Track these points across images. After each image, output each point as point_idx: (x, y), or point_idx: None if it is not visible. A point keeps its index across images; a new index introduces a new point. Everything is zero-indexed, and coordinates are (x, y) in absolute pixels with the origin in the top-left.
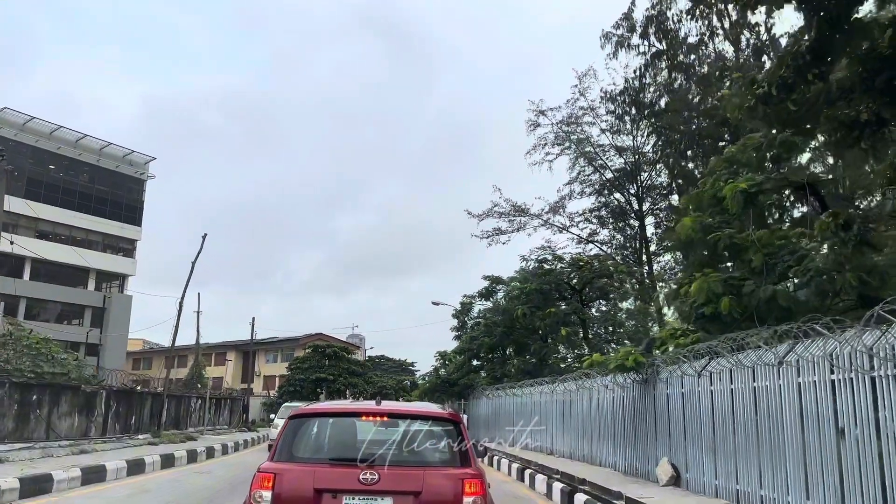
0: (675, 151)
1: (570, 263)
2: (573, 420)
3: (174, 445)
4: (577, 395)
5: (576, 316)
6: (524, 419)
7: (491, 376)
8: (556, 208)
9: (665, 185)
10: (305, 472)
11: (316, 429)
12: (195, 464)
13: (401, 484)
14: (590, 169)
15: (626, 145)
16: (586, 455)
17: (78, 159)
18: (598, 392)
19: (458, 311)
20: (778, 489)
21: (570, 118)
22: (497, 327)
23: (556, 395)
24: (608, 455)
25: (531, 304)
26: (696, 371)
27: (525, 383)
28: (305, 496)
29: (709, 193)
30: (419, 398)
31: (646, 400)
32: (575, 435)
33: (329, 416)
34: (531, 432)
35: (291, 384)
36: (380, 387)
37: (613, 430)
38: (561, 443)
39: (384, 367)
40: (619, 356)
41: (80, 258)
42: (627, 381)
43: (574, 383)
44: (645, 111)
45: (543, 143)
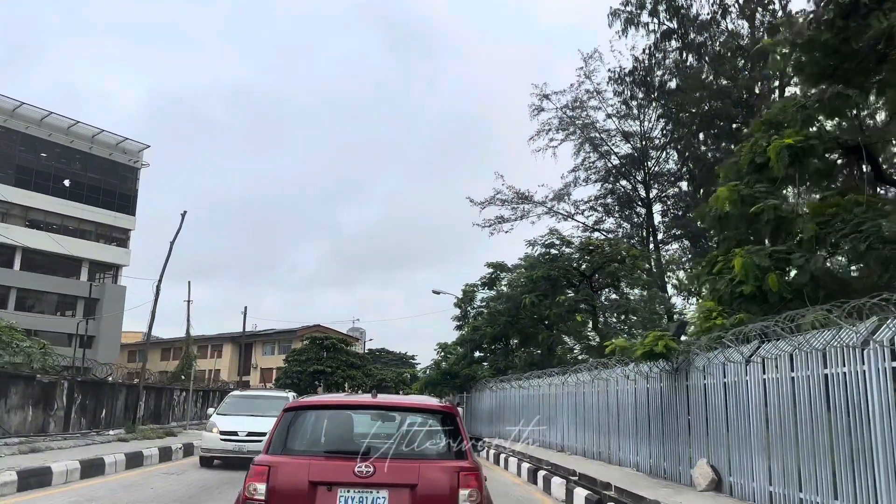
0: (686, 134)
1: (579, 248)
2: (587, 414)
3: (148, 442)
4: (591, 387)
5: (586, 304)
6: (531, 413)
7: (494, 368)
8: (560, 196)
9: (673, 172)
10: (300, 464)
11: (311, 421)
12: (168, 463)
13: (396, 477)
14: (595, 155)
15: (633, 130)
16: (602, 453)
17: (70, 147)
18: (618, 383)
19: (459, 300)
20: (862, 500)
21: (575, 102)
22: (501, 316)
23: (567, 388)
24: (629, 453)
25: (538, 292)
26: (744, 357)
27: (532, 374)
28: (300, 489)
29: (746, 159)
30: (419, 391)
31: (677, 391)
32: (589, 430)
33: (324, 408)
34: (538, 428)
35: (288, 376)
36: (379, 379)
37: (636, 425)
38: (573, 439)
39: (384, 361)
40: (647, 341)
41: (72, 248)
42: (654, 370)
43: (588, 374)
44: (654, 92)
45: (547, 129)
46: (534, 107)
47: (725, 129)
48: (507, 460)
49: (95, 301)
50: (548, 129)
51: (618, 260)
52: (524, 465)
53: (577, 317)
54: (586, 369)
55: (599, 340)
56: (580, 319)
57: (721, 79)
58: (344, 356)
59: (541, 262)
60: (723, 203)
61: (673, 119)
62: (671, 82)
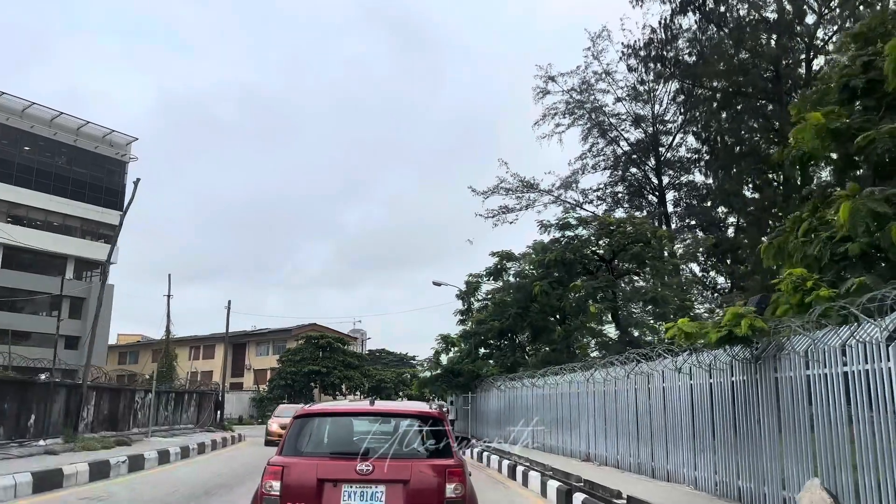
0: (705, 112)
1: (597, 227)
2: (621, 417)
3: (85, 455)
4: (626, 384)
5: (608, 291)
6: (548, 415)
7: (502, 365)
8: (568, 184)
9: (687, 159)
10: (309, 464)
11: (317, 426)
12: (102, 481)
13: (392, 474)
14: (603, 141)
15: (645, 114)
16: (643, 464)
17: (53, 139)
18: (664, 378)
19: (462, 292)
20: None
21: (583, 85)
22: (510, 308)
23: (594, 385)
24: (682, 465)
25: (551, 279)
26: (885, 332)
27: (549, 371)
28: (309, 485)
29: (839, 84)
30: (418, 390)
31: (760, 386)
32: (623, 437)
33: (329, 415)
34: (550, 432)
35: (282, 377)
36: (378, 380)
37: (692, 430)
38: (601, 446)
39: (384, 361)
40: (726, 320)
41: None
42: (720, 359)
43: (622, 368)
44: (671, 68)
45: (553, 113)
46: (538, 89)
47: (750, 106)
48: (526, 474)
49: (81, 300)
50: (553, 114)
51: (642, 241)
52: (552, 482)
53: (592, 307)
54: (620, 362)
55: (620, 334)
56: (594, 311)
57: (743, 51)
58: (341, 356)
59: (554, 247)
60: (810, 136)
61: (691, 97)
62: (689, 57)
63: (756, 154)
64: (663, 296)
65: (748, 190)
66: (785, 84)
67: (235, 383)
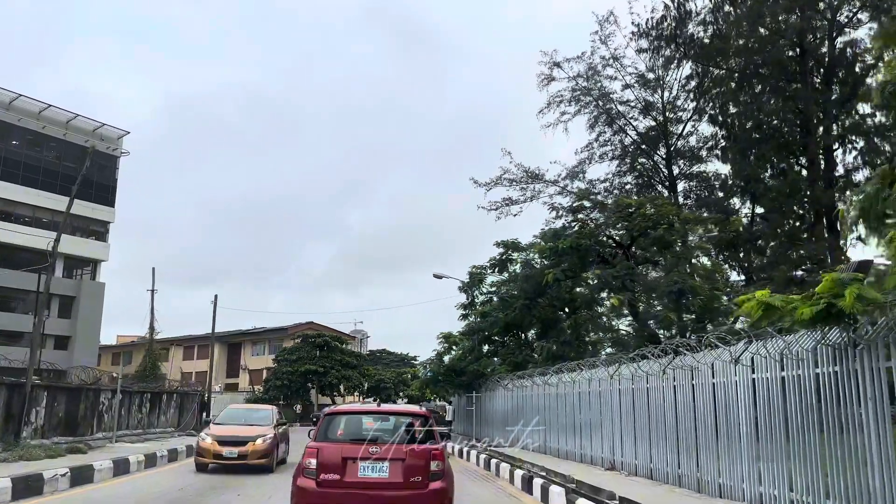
0: (724, 91)
1: (614, 209)
2: (656, 419)
3: (22, 466)
4: (662, 380)
5: (624, 281)
6: (562, 417)
7: (509, 363)
8: (574, 174)
9: (699, 147)
10: (336, 447)
11: (339, 421)
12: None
13: (393, 454)
14: (610, 131)
15: (655, 100)
16: (686, 476)
17: (42, 132)
18: (718, 372)
19: (465, 284)
20: None
21: (589, 71)
22: (517, 300)
23: (620, 382)
24: (742, 479)
25: (563, 267)
26: None
27: (563, 367)
28: (336, 461)
29: None
30: (418, 390)
31: (861, 380)
32: (659, 442)
33: (347, 413)
34: (566, 436)
35: (278, 378)
36: (377, 380)
37: (754, 435)
38: (628, 453)
39: (385, 361)
40: (823, 288)
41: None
42: (804, 344)
43: (657, 362)
44: (684, 48)
45: (559, 101)
46: (543, 76)
47: (770, 86)
48: (546, 489)
49: (71, 299)
50: (559, 101)
51: (664, 224)
52: (582, 501)
53: (613, 299)
54: (655, 356)
55: (638, 328)
56: (617, 302)
57: (761, 29)
58: (338, 355)
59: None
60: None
61: (705, 78)
62: (704, 35)
63: (778, 137)
64: (692, 285)
65: (769, 176)
66: (808, 62)
67: (230, 384)
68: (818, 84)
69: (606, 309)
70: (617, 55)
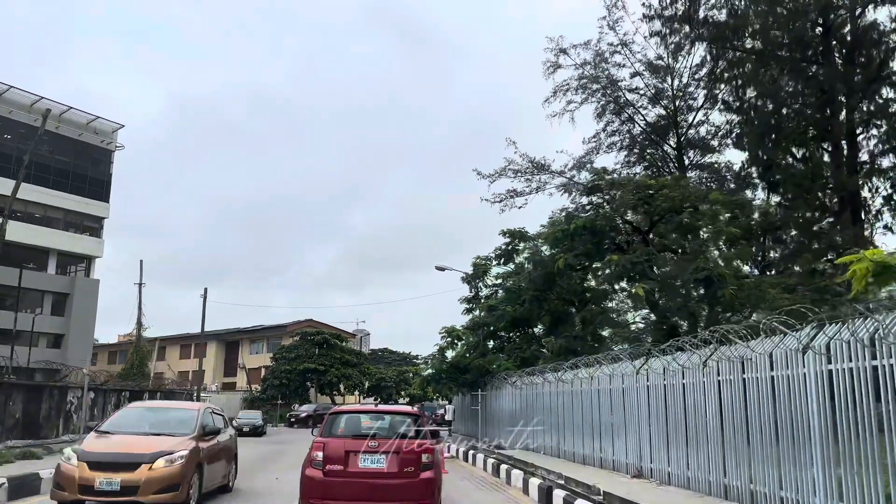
0: (740, 74)
1: (633, 189)
2: (695, 419)
3: None
4: (703, 374)
5: (645, 268)
6: (578, 417)
7: (517, 358)
8: (581, 164)
9: (713, 135)
10: (339, 442)
11: (341, 419)
12: None
13: (389, 448)
14: (619, 120)
15: (665, 88)
16: (735, 487)
17: (34, 125)
18: (779, 363)
19: (469, 276)
20: None
21: (597, 58)
22: (527, 290)
23: (649, 378)
24: (814, 492)
25: (577, 251)
26: None
27: (579, 362)
28: (340, 454)
29: None
30: (420, 389)
31: None
32: (698, 446)
33: (348, 413)
34: (583, 438)
35: (276, 376)
36: (378, 379)
37: (830, 438)
38: (660, 458)
39: (387, 360)
40: None
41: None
42: None
43: (697, 354)
44: (699, 28)
45: (565, 89)
46: (549, 63)
47: (790, 67)
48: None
49: (65, 296)
50: (565, 89)
51: (689, 207)
52: None
53: (637, 288)
54: (691, 345)
55: (657, 322)
56: (641, 291)
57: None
58: (338, 353)
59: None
60: None
61: (720, 60)
62: (718, 14)
63: (800, 119)
64: (720, 272)
65: (791, 162)
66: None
67: (228, 383)
68: (840, 66)
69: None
70: (626, 41)
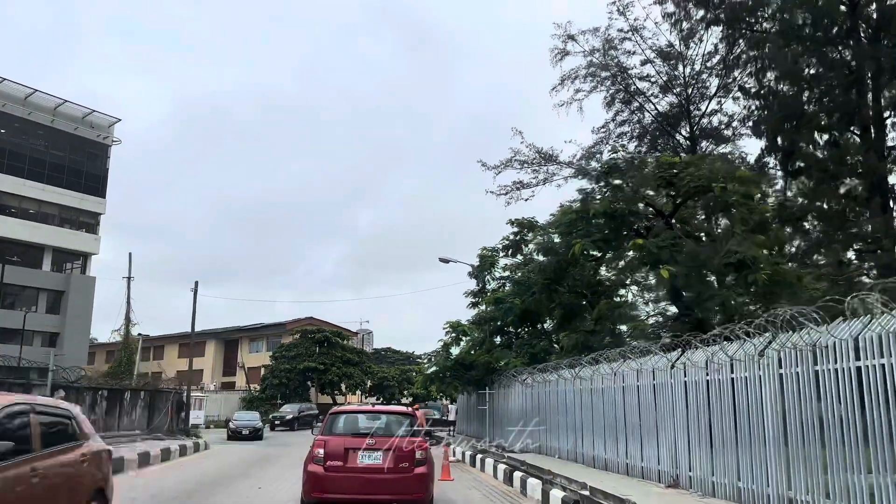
0: (760, 55)
1: (655, 168)
2: (749, 421)
3: None
4: (759, 367)
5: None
6: (597, 418)
7: (526, 354)
8: (590, 154)
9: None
10: (339, 440)
11: (340, 419)
12: None
13: (385, 445)
14: (628, 110)
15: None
16: (800, 501)
17: (28, 119)
18: (871, 352)
19: (475, 269)
20: None
21: (606, 44)
22: (538, 280)
23: (684, 373)
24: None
25: (594, 238)
26: None
27: (600, 356)
28: (340, 451)
29: None
30: (422, 386)
31: None
32: (752, 452)
33: (346, 413)
34: (605, 442)
35: (275, 375)
36: (380, 378)
37: None
38: (703, 466)
39: (390, 360)
40: None
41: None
42: None
43: (750, 343)
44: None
45: (573, 77)
46: (556, 50)
47: (812, 49)
48: None
49: (60, 293)
50: (573, 78)
51: (721, 184)
52: None
53: (663, 270)
54: (742, 334)
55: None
56: (667, 274)
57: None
58: (339, 352)
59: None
60: None
61: (738, 43)
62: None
63: (826, 101)
64: (754, 256)
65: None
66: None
67: (227, 383)
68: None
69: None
70: (636, 26)
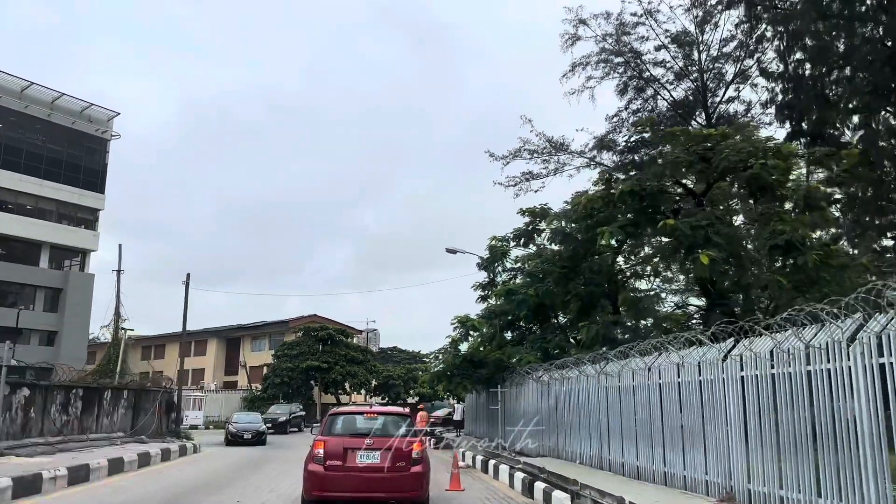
0: (786, 33)
1: (685, 141)
2: (836, 422)
3: None
4: (844, 360)
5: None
6: (628, 419)
7: (540, 349)
8: (604, 143)
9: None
10: (338, 440)
11: (339, 420)
12: None
13: (382, 445)
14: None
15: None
16: None
17: (25, 112)
18: None
19: (485, 261)
20: None
21: (619, 30)
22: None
23: (739, 367)
24: None
25: (621, 224)
26: None
27: (630, 349)
28: (339, 451)
29: None
30: (429, 386)
31: None
32: (839, 462)
33: (345, 414)
34: (638, 447)
35: (278, 375)
36: (385, 377)
37: None
38: (767, 477)
39: (396, 359)
40: None
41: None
42: None
43: (836, 326)
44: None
45: (585, 63)
46: (567, 35)
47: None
48: None
49: (58, 291)
50: (585, 64)
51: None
52: None
53: (703, 255)
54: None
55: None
56: (707, 260)
57: None
58: (343, 350)
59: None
60: None
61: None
62: None
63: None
64: (804, 235)
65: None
66: None
67: (229, 382)
68: None
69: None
70: (650, 9)
